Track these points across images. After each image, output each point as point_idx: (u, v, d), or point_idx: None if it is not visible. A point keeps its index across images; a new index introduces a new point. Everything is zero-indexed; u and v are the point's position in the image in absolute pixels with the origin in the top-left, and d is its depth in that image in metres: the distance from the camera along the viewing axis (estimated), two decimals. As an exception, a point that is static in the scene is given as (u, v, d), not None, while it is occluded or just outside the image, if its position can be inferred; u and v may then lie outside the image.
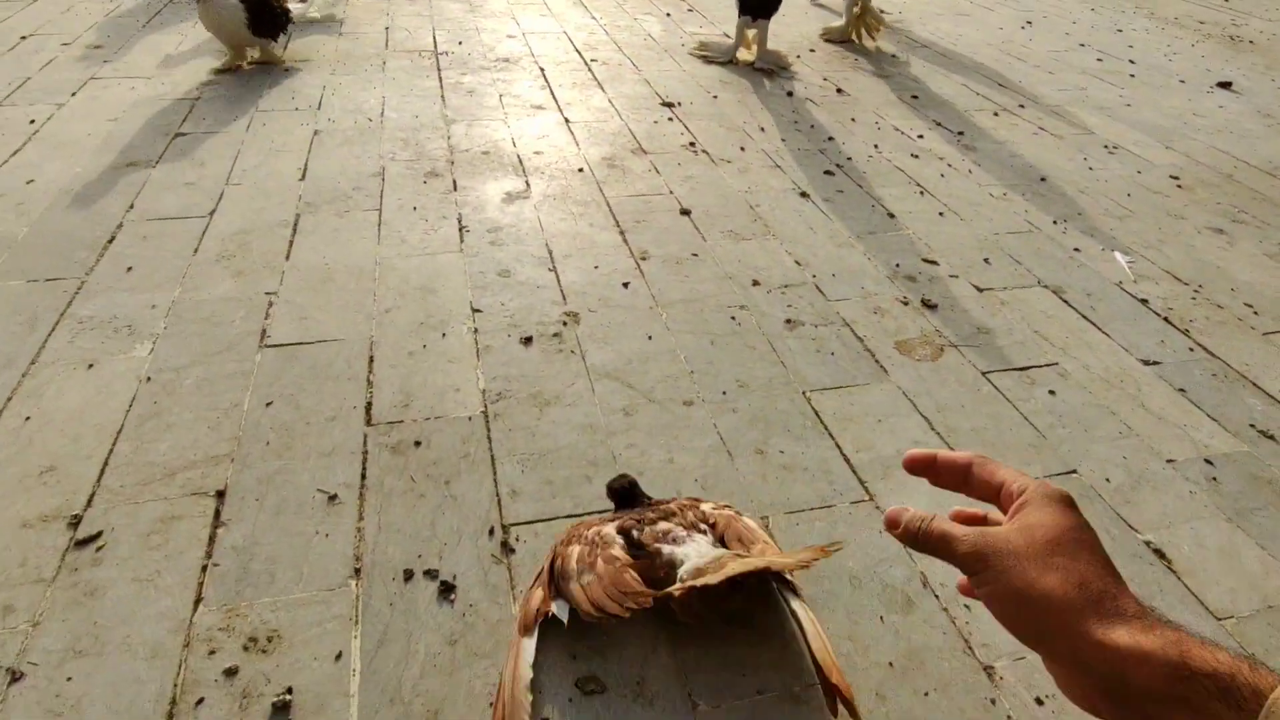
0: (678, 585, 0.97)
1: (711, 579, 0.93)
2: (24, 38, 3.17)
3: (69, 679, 0.98)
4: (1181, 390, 1.64)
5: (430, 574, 1.14)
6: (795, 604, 1.04)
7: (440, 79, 3.05)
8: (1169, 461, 1.45)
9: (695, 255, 1.98)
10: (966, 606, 1.14)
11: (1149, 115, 3.24)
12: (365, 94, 2.83)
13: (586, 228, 2.07)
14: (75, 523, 1.18)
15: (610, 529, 1.08)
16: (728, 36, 3.74)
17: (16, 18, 3.43)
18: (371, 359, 1.55)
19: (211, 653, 1.02)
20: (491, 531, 1.22)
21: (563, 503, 1.28)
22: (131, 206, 2.02)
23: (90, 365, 1.49)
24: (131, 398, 1.42)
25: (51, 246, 1.83)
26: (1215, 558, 1.26)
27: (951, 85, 3.42)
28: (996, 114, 3.13)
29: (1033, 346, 1.74)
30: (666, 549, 1.03)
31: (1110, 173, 2.68)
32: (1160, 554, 1.26)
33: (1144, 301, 1.95)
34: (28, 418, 1.37)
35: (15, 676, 0.98)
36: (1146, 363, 1.72)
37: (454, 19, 3.84)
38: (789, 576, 1.09)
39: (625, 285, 1.84)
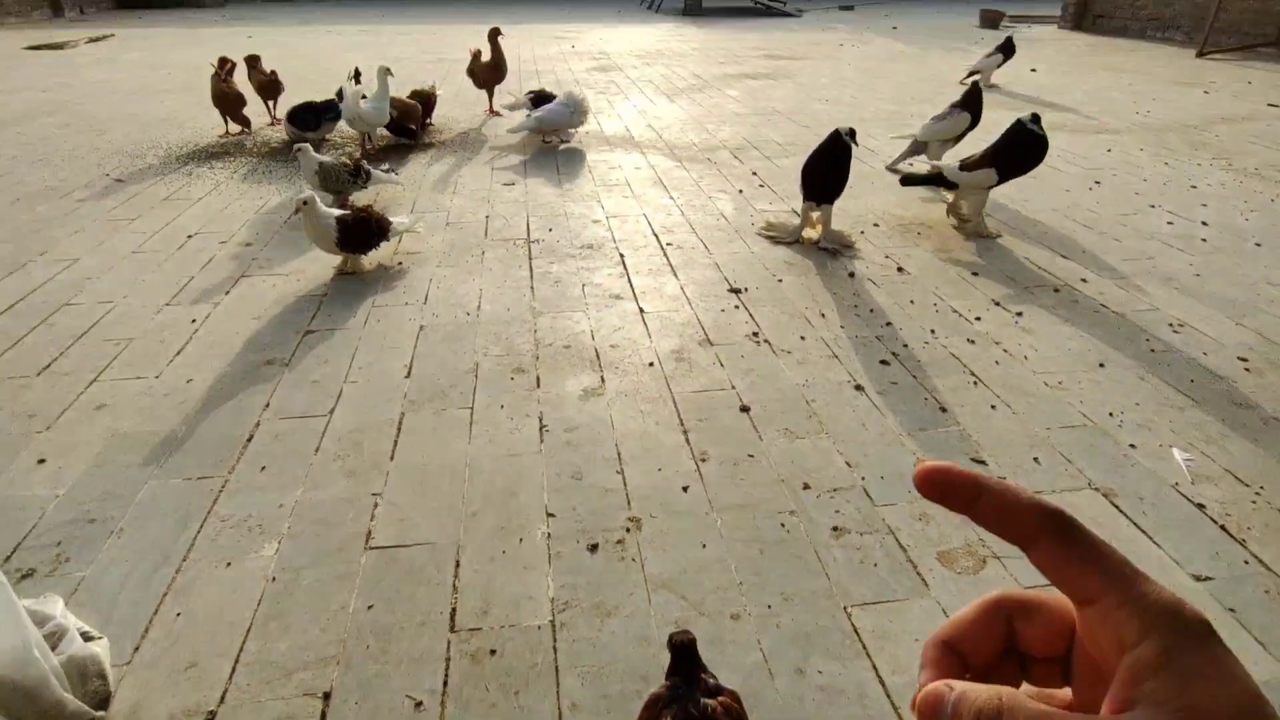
0: None
1: None
2: (190, 236, 3.80)
3: None
4: (1231, 610, 1.65)
5: (496, 789, 1.29)
6: None
7: (531, 268, 3.44)
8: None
9: (751, 456, 2.15)
10: None
11: (1220, 286, 3.27)
12: (465, 286, 3.24)
13: (653, 426, 2.29)
14: (211, 718, 1.41)
15: None
16: (795, 214, 4.05)
17: (184, 216, 4.11)
18: (458, 564, 1.77)
19: None
20: (551, 747, 1.36)
21: (615, 718, 1.41)
22: (267, 405, 2.38)
23: (228, 564, 1.77)
24: (259, 597, 1.68)
25: (204, 445, 2.19)
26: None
27: (1013, 259, 3.56)
28: (1058, 290, 3.24)
29: (1079, 559, 1.79)
30: None
31: (1174, 355, 2.72)
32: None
33: (1200, 506, 1.97)
34: (179, 614, 1.64)
35: None
36: (1198, 579, 1.74)
37: (546, 204, 4.32)
38: None
39: (685, 489, 2.02)
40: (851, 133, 3.58)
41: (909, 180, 4.06)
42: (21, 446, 2.18)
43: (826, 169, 3.61)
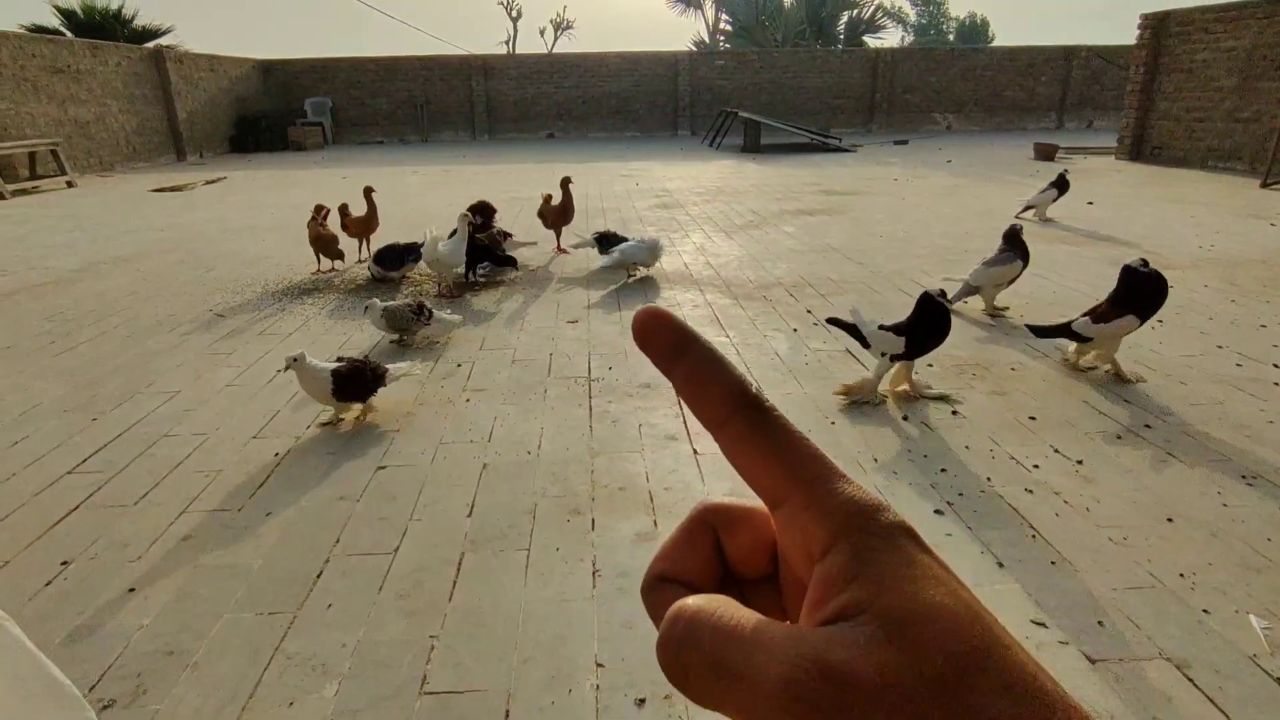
0: None
1: None
2: (279, 371, 4.12)
3: None
4: (1330, 812, 1.53)
5: None
6: None
7: (590, 406, 3.59)
8: None
9: (801, 608, 2.15)
10: None
11: (1295, 436, 3.16)
12: (527, 425, 3.39)
13: (703, 572, 2.31)
14: None
15: None
16: (850, 354, 4.13)
17: (274, 352, 4.47)
18: (508, 713, 1.80)
19: None
20: None
21: None
22: (338, 541, 2.52)
23: (291, 703, 1.84)
24: (316, 741, 1.73)
25: (277, 581, 2.32)
26: None
27: (1073, 404, 3.54)
28: (1120, 437, 3.19)
29: (1151, 739, 1.70)
30: None
31: (1248, 510, 2.62)
32: None
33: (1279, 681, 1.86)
34: (239, 756, 1.70)
35: None
36: (1287, 770, 1.63)
37: (607, 342, 4.54)
38: None
39: (734, 642, 2.02)
40: (942, 293, 3.49)
41: (1041, 333, 3.94)
42: (115, 575, 2.35)
43: (930, 332, 3.46)
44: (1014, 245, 4.84)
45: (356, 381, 3.35)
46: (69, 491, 2.89)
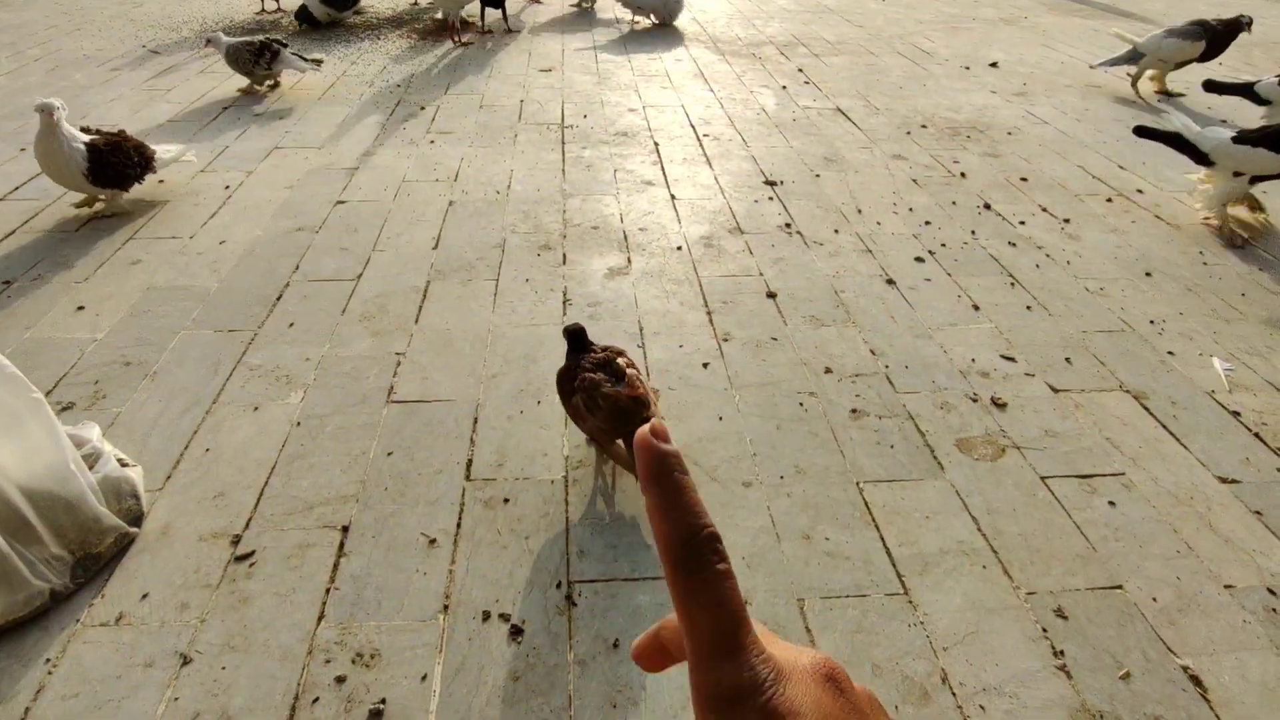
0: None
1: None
2: (224, 109, 3.77)
3: (223, 668, 1.25)
4: (1257, 513, 1.62)
5: (504, 617, 1.35)
6: None
7: (563, 152, 3.36)
8: (1226, 587, 1.46)
9: (774, 339, 2.13)
10: (981, 706, 1.22)
11: (1284, 205, 3.09)
12: (496, 166, 3.18)
13: (677, 306, 2.27)
14: (236, 541, 1.48)
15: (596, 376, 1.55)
16: (841, 111, 3.87)
17: (219, 89, 4.07)
18: (476, 420, 1.80)
19: (327, 661, 1.27)
20: (559, 585, 1.41)
21: (622, 565, 1.45)
22: (297, 268, 2.40)
23: (256, 408, 1.82)
24: (284, 439, 1.73)
25: (234, 301, 2.23)
26: (1257, 691, 1.27)
27: (1066, 167, 3.39)
28: (1110, 200, 3.09)
29: (1100, 454, 1.77)
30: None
31: (1227, 268, 2.60)
32: (1197, 681, 1.29)
33: (1235, 414, 1.91)
34: (208, 449, 1.70)
35: (185, 660, 1.26)
36: (1224, 480, 1.71)
37: (582, 91, 4.19)
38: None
39: (705, 365, 2.01)
40: None
41: (1145, 133, 3.06)
42: (60, 294, 2.24)
43: None
44: (1211, 35, 4.14)
45: (117, 162, 2.60)
46: (4, 219, 2.69)
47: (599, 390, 1.52)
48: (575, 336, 1.61)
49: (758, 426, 1.81)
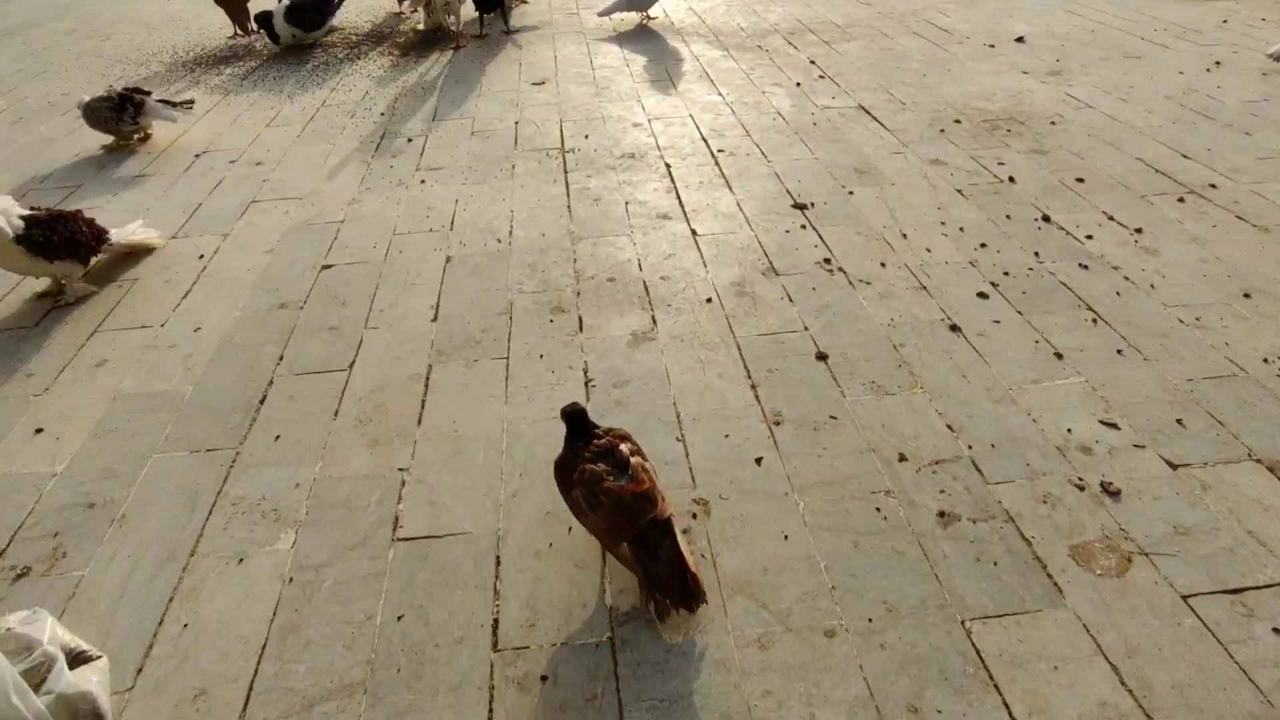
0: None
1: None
2: (197, 156, 3.47)
3: None
4: None
5: None
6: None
7: (567, 183, 3.05)
8: None
9: (833, 418, 1.84)
10: None
11: (1377, 191, 2.75)
12: (495, 208, 2.88)
13: (716, 379, 1.98)
14: (220, 765, 1.22)
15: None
16: (864, 110, 3.55)
17: (190, 133, 3.76)
18: (499, 560, 1.53)
19: None
20: (618, 808, 1.14)
21: (693, 770, 1.18)
22: (281, 359, 2.12)
23: (240, 560, 1.55)
24: (275, 604, 1.46)
25: (212, 408, 1.95)
26: None
27: (1123, 161, 3.06)
28: (1181, 199, 2.76)
29: (1246, 555, 1.48)
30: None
31: (1331, 280, 2.28)
32: None
33: (1390, 483, 1.62)
34: (185, 625, 1.43)
35: None
36: (1399, 584, 1.42)
37: (580, 105, 3.86)
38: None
39: (758, 462, 1.72)
40: None
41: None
42: (17, 412, 1.97)
43: None
44: None
45: (62, 237, 2.34)
46: (-47, 311, 2.42)
47: (599, 485, 1.36)
48: (574, 420, 1.48)
49: (831, 546, 1.53)
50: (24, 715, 1.14)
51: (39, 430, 1.90)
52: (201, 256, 2.64)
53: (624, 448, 1.43)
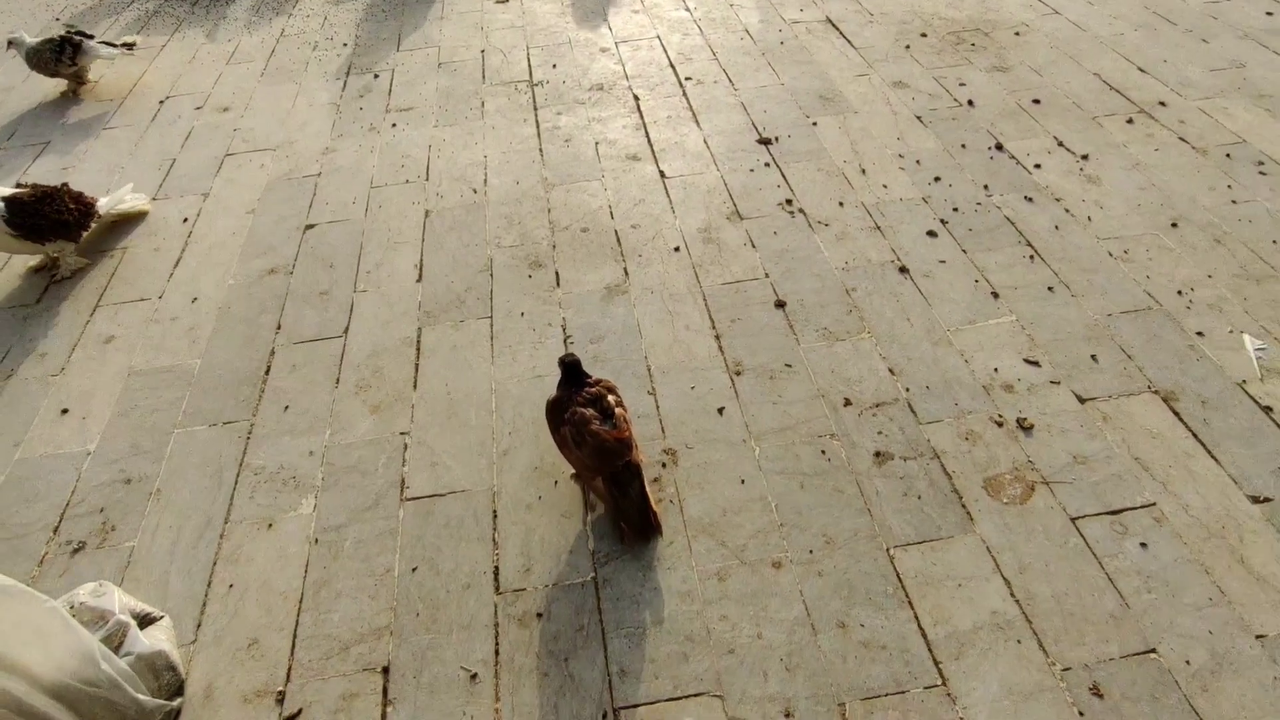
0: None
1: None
2: (162, 102, 3.45)
3: None
4: (1290, 539, 1.61)
5: (556, 759, 1.38)
6: None
7: (537, 122, 3.10)
8: (1258, 638, 1.47)
9: (789, 366, 2.04)
10: (1028, 822, 1.27)
11: (1318, 102, 2.86)
12: (468, 153, 2.94)
13: (684, 331, 2.16)
14: (280, 698, 1.49)
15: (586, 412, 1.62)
16: (831, 22, 3.53)
17: (151, 73, 3.71)
18: (495, 514, 1.77)
19: (393, 834, 1.31)
20: (604, 716, 1.43)
21: (664, 684, 1.47)
22: (279, 328, 2.28)
23: (270, 525, 1.78)
24: (305, 562, 1.70)
25: (222, 382, 2.13)
26: (1292, 765, 1.31)
27: (1081, 77, 3.12)
28: (1131, 120, 2.86)
29: (1131, 480, 1.73)
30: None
31: (1256, 207, 2.44)
32: (1234, 759, 1.32)
33: (1267, 410, 1.86)
34: (231, 585, 1.68)
35: None
36: (1256, 500, 1.68)
37: (546, 28, 3.81)
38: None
39: (720, 412, 1.94)
40: None
41: None
42: (39, 394, 2.14)
43: None
44: None
45: (48, 215, 2.39)
46: (-44, 287, 2.54)
47: (587, 427, 1.59)
48: (571, 369, 1.68)
49: (781, 488, 1.77)
50: (114, 677, 1.40)
51: (65, 411, 2.09)
52: (185, 220, 2.73)
53: (610, 399, 1.66)
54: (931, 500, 1.73)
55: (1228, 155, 2.66)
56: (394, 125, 3.15)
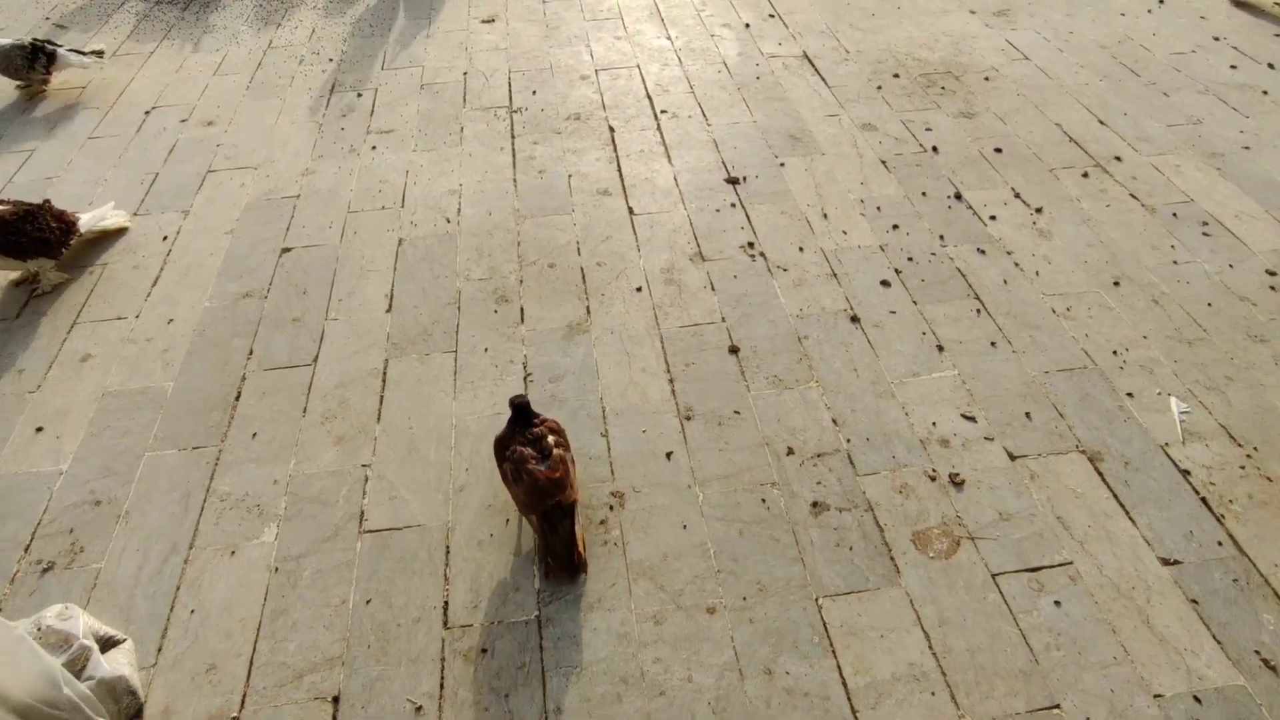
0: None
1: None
2: (147, 113, 3.50)
3: None
4: (1194, 602, 1.72)
5: (490, 792, 1.47)
6: None
7: (513, 150, 3.18)
8: (1156, 697, 1.58)
9: (737, 413, 2.14)
10: None
11: (1270, 164, 2.98)
12: (444, 181, 3.02)
13: (639, 374, 2.25)
14: (232, 726, 1.58)
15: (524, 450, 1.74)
16: (808, 60, 3.62)
17: (137, 81, 3.75)
18: (448, 550, 1.85)
19: None
20: (538, 753, 1.53)
21: (597, 723, 1.56)
22: (251, 353, 2.35)
23: (232, 552, 1.86)
24: (264, 590, 1.79)
25: (193, 406, 2.20)
26: (1169, 819, 1.42)
27: (1044, 127, 3.23)
28: (1086, 174, 2.98)
29: (1050, 539, 1.84)
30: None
31: (1196, 268, 2.56)
32: (1117, 812, 1.43)
33: (1186, 473, 1.97)
34: (192, 610, 1.76)
35: None
36: (1166, 562, 1.80)
37: (529, 50, 3.88)
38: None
39: (668, 456, 2.04)
40: None
41: None
42: (14, 410, 2.21)
43: None
44: None
45: (31, 233, 2.48)
46: (-64, 297, 2.59)
47: (524, 465, 1.70)
48: (520, 410, 1.79)
49: (721, 534, 1.87)
50: (75, 701, 1.48)
51: (39, 429, 2.15)
52: (166, 238, 2.79)
53: (550, 439, 1.76)
54: (862, 552, 1.83)
55: (1174, 214, 2.77)
56: (374, 148, 3.22)
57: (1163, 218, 2.76)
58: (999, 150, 3.11)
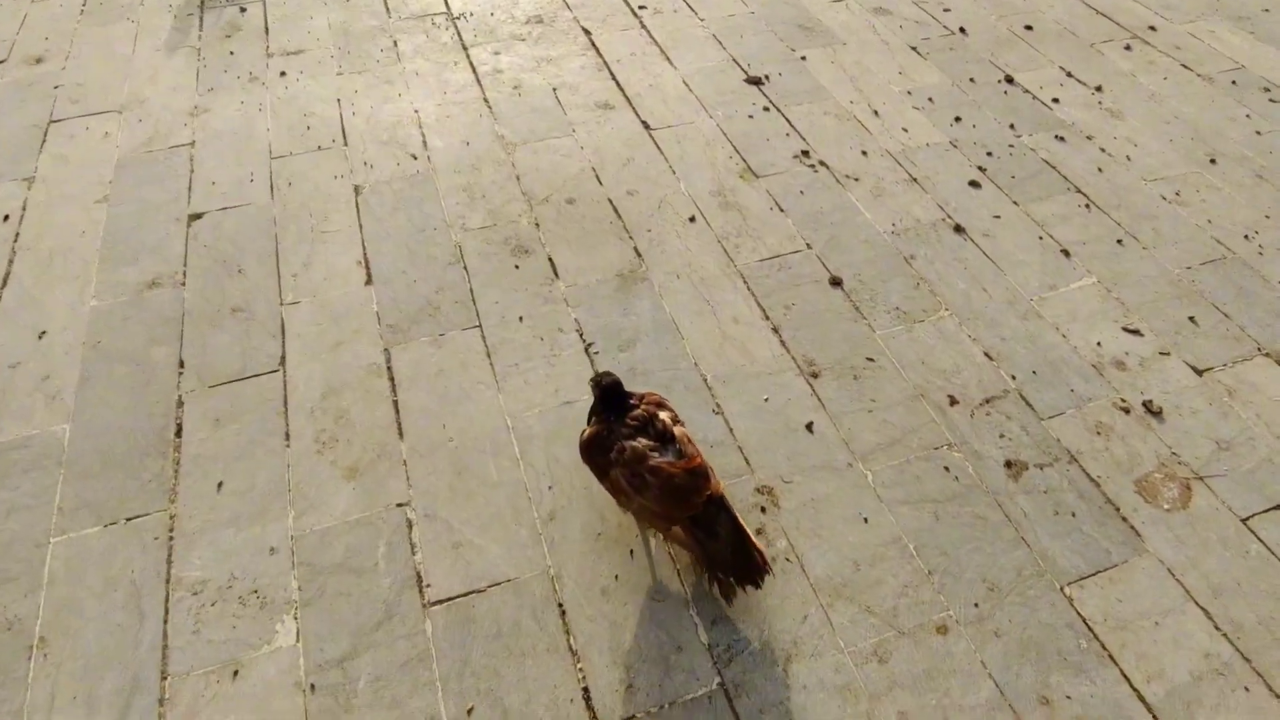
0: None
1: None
2: (-65, 49, 2.52)
3: None
4: None
5: None
6: None
7: (472, 65, 2.50)
8: None
9: (871, 360, 1.68)
10: None
11: (1292, 23, 2.77)
12: (392, 107, 2.31)
13: (732, 326, 1.74)
14: None
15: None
16: (787, -55, 3.09)
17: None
18: (562, 609, 1.31)
19: None
20: None
21: (854, 823, 1.10)
22: (182, 364, 1.64)
23: (235, 672, 1.23)
24: (303, 720, 1.18)
25: (109, 455, 1.49)
26: None
27: (1066, 0, 2.89)
28: (1129, 47, 2.66)
29: (1285, 465, 1.52)
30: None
31: (1278, 136, 2.31)
32: None
33: (1378, 364, 1.71)
34: (193, 775, 1.13)
35: None
36: None
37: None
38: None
39: (809, 428, 1.56)
40: None
41: None
42: None
43: None
44: None
45: None
46: None
47: (644, 464, 1.20)
48: (609, 393, 1.28)
49: (913, 522, 1.42)
50: None
51: None
52: (6, 218, 1.96)
53: (664, 416, 1.26)
54: (1088, 517, 1.44)
55: (1233, 82, 2.51)
56: (283, 74, 2.44)
57: (1222, 86, 2.49)
58: (1029, 28, 2.74)
